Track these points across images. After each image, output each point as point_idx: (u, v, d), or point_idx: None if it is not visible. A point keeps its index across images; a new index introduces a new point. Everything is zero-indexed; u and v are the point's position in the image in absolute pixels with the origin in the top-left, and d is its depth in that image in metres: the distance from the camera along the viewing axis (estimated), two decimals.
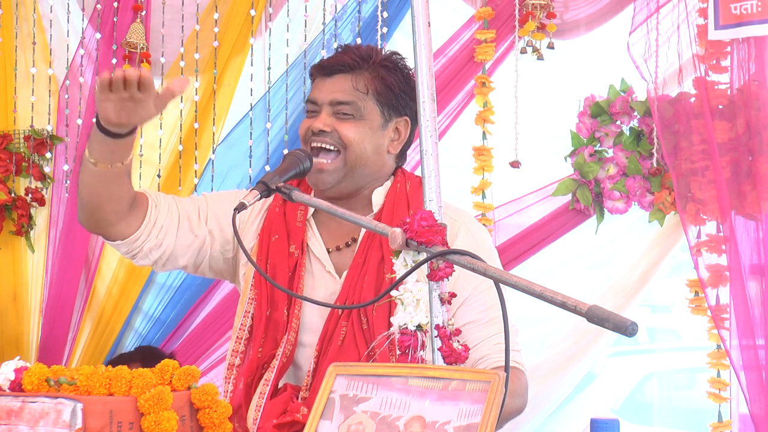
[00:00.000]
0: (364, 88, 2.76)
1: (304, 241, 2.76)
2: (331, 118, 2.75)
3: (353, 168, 2.74)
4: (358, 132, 2.74)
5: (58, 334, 3.95)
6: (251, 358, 2.72)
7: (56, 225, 3.97)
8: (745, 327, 3.45)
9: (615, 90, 3.68)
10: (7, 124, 3.96)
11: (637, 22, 3.58)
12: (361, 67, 2.78)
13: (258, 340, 2.71)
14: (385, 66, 2.79)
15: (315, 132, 2.74)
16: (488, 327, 2.61)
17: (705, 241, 3.53)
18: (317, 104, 2.78)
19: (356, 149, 2.73)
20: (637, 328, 1.70)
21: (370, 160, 2.76)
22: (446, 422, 1.69)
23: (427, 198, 2.09)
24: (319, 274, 2.75)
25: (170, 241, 2.72)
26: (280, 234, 2.77)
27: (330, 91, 2.77)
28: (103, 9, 3.89)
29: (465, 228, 2.78)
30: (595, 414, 2.14)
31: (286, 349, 2.68)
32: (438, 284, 2.00)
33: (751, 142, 3.48)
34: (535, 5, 3.69)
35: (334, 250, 2.77)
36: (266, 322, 2.71)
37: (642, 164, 3.63)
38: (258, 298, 2.73)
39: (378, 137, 2.77)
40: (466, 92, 3.78)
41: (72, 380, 1.81)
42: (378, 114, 2.77)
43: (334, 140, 2.73)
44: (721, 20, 3.42)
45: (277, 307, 2.71)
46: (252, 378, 2.71)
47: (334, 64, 2.80)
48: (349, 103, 2.75)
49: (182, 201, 2.79)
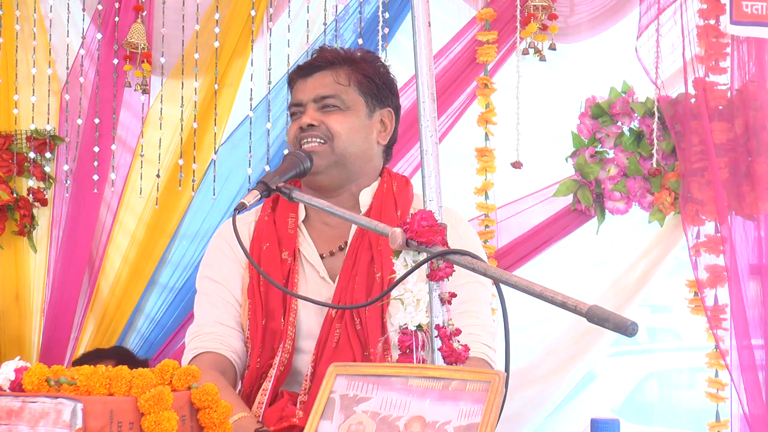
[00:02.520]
0: (345, 81, 2.78)
1: (296, 247, 2.77)
2: (318, 113, 2.76)
3: (343, 156, 2.74)
4: (346, 122, 2.75)
5: (60, 334, 3.95)
6: (251, 368, 2.73)
7: (58, 225, 3.97)
8: (742, 327, 3.46)
9: (616, 91, 3.69)
10: (9, 124, 3.97)
11: (644, 26, 3.58)
12: (340, 63, 2.81)
13: (256, 349, 2.72)
14: (364, 59, 2.83)
15: (304, 128, 2.74)
16: (461, 318, 2.60)
17: (703, 242, 3.53)
18: (302, 105, 2.80)
19: (344, 139, 2.74)
20: (637, 328, 1.70)
21: (359, 149, 2.77)
22: (446, 422, 1.69)
23: (427, 198, 2.09)
24: (312, 280, 2.75)
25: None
26: (271, 242, 2.77)
27: (312, 88, 2.79)
28: (104, 9, 3.89)
29: (450, 226, 2.79)
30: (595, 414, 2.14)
31: (283, 357, 2.68)
32: (438, 284, 2.00)
33: (749, 142, 3.49)
34: (537, 7, 3.69)
35: (327, 255, 2.77)
36: (263, 332, 2.72)
37: (642, 165, 3.63)
38: (252, 308, 2.73)
39: (365, 127, 2.79)
40: (468, 93, 3.79)
41: (72, 380, 1.81)
42: (362, 104, 2.79)
43: (322, 132, 2.74)
44: (734, 16, 3.42)
45: (273, 315, 2.71)
46: (251, 388, 2.72)
47: (313, 63, 2.83)
48: (333, 96, 2.77)
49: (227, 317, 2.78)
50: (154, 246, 3.91)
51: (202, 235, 3.86)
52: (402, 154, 3.72)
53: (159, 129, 3.88)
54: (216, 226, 3.82)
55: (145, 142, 3.91)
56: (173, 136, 3.89)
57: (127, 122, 3.94)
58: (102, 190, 3.91)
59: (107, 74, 3.89)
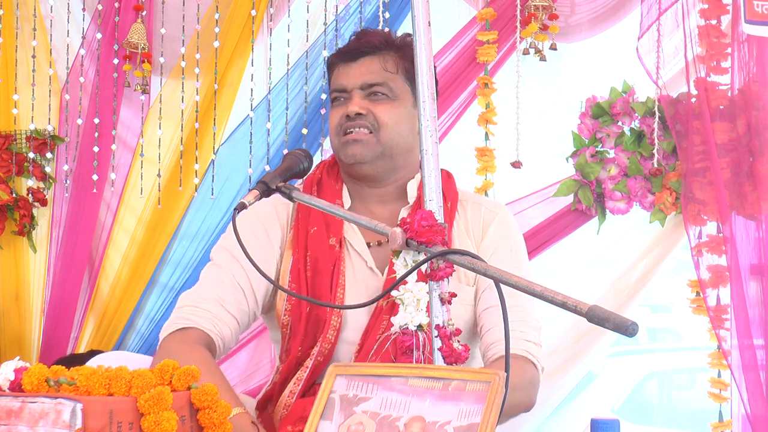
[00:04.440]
0: (393, 68, 2.70)
1: (343, 235, 2.69)
2: (365, 100, 2.68)
3: (389, 147, 2.66)
4: (395, 113, 2.67)
5: (60, 334, 3.95)
6: (291, 355, 2.65)
7: (58, 225, 3.97)
8: (744, 327, 3.46)
9: (616, 91, 3.69)
10: (9, 124, 3.97)
11: (645, 26, 3.58)
12: (387, 48, 2.72)
13: (298, 337, 2.64)
14: (409, 45, 2.71)
15: (351, 117, 2.65)
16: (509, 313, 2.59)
17: (705, 242, 3.53)
18: (346, 90, 2.70)
19: (392, 130, 2.66)
20: (637, 328, 1.70)
21: (405, 140, 2.68)
22: (446, 422, 1.69)
23: (427, 198, 2.09)
24: (360, 270, 2.68)
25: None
26: (319, 226, 2.68)
27: (359, 74, 2.70)
28: (105, 9, 3.89)
29: (499, 218, 2.76)
30: (595, 414, 2.14)
31: (323, 347, 2.61)
32: (438, 284, 2.00)
33: (751, 143, 3.48)
34: (538, 6, 3.69)
35: (375, 244, 2.70)
36: (306, 319, 2.63)
37: (643, 165, 3.63)
38: (296, 292, 2.64)
39: (412, 117, 2.70)
40: (469, 93, 3.78)
41: (72, 380, 1.81)
42: (409, 93, 2.72)
43: (369, 122, 2.65)
44: (747, 15, 3.42)
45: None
46: (287, 375, 2.65)
47: (359, 48, 2.73)
48: (382, 84, 2.69)
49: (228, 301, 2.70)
50: (154, 246, 3.91)
51: (202, 234, 3.86)
52: None
53: (159, 129, 3.87)
54: (216, 225, 3.82)
55: (145, 142, 3.91)
56: (173, 136, 3.89)
57: (127, 122, 3.94)
58: (102, 190, 3.91)
59: (107, 74, 3.89)
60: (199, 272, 2.86)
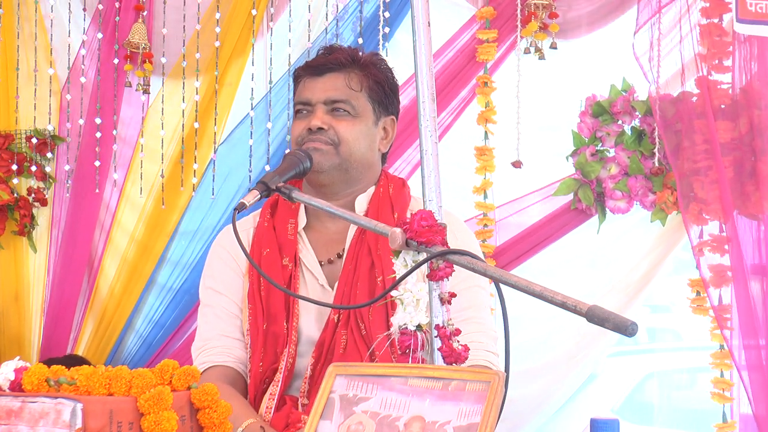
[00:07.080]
0: (357, 86, 2.76)
1: (297, 254, 2.76)
2: (327, 116, 2.74)
3: (346, 161, 2.73)
4: (355, 130, 2.74)
5: (60, 334, 3.95)
6: (253, 372, 2.72)
7: (58, 225, 3.97)
8: (747, 327, 3.45)
9: (616, 90, 3.68)
10: (9, 124, 3.97)
11: (641, 22, 3.58)
12: (353, 66, 2.78)
13: (257, 354, 2.70)
14: (374, 64, 2.81)
15: (313, 130, 2.73)
16: (463, 325, 2.60)
17: (707, 241, 3.53)
18: (310, 104, 2.77)
19: (351, 146, 2.73)
20: (637, 328, 1.70)
21: (363, 156, 2.76)
22: (446, 422, 1.69)
23: (426, 198, 2.09)
24: (312, 287, 2.74)
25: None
26: (272, 247, 2.75)
27: (324, 89, 2.76)
28: (105, 9, 3.89)
29: (448, 230, 2.78)
30: (595, 414, 2.14)
31: (288, 361, 2.67)
32: (438, 284, 2.00)
33: (754, 142, 3.48)
34: (537, 5, 3.68)
35: (326, 263, 2.77)
36: (264, 336, 2.70)
37: (643, 164, 3.63)
38: (253, 312, 2.72)
39: (371, 135, 2.78)
40: (468, 92, 3.78)
41: (72, 380, 1.81)
42: (371, 111, 2.78)
43: (329, 137, 2.73)
44: (740, 15, 3.42)
45: (275, 320, 2.70)
46: (256, 393, 2.71)
47: (325, 63, 2.80)
48: (345, 101, 2.75)
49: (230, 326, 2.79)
50: (153, 246, 3.91)
51: (201, 234, 3.86)
52: (400, 153, 3.72)
53: (160, 128, 3.87)
54: (215, 225, 3.82)
55: (146, 141, 3.90)
56: (174, 136, 3.89)
57: (127, 122, 3.94)
58: (102, 190, 3.91)
59: (108, 74, 3.89)
60: (198, 272, 2.94)
